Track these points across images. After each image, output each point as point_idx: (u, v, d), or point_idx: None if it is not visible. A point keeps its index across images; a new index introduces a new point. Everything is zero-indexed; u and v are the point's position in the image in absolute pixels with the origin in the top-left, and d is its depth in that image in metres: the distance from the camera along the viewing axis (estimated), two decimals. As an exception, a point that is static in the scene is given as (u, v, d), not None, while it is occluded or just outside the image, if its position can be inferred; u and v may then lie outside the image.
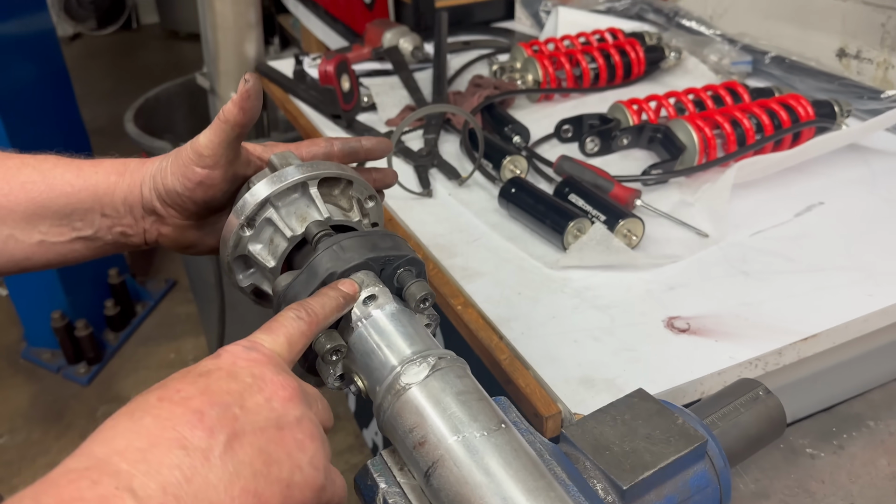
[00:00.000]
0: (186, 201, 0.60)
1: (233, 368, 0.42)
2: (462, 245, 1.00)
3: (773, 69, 1.42)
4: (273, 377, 0.43)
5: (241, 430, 0.39)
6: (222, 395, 0.40)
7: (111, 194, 0.60)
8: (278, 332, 0.47)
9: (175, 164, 0.59)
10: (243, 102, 0.57)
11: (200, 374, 0.42)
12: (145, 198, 0.61)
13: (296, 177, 0.58)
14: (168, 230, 0.63)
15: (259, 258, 0.59)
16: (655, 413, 0.60)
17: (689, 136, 1.10)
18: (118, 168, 0.61)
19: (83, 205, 0.60)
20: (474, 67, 1.50)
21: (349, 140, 0.66)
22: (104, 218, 0.61)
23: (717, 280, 0.91)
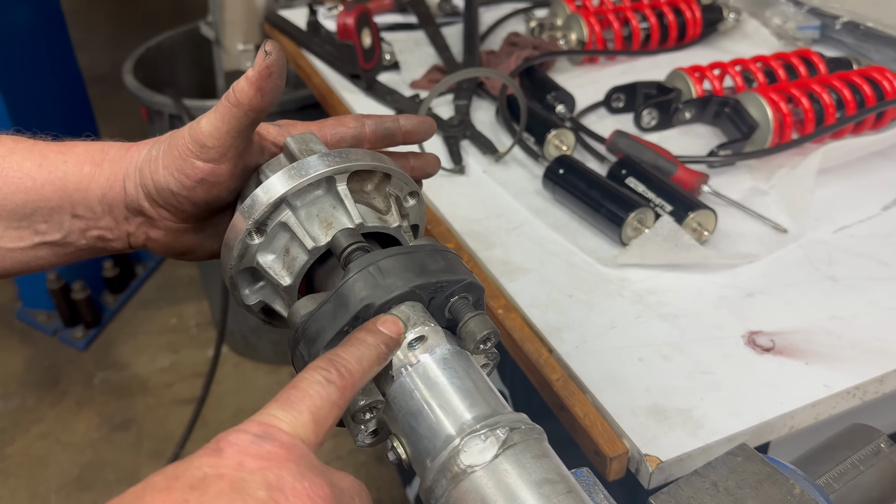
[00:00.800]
0: (183, 202, 0.47)
1: (239, 474, 0.30)
2: (501, 233, 0.87)
3: (844, 36, 1.26)
4: (295, 484, 0.30)
5: None
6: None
7: (84, 190, 0.47)
8: (301, 407, 0.34)
9: (169, 156, 0.45)
10: (262, 81, 0.43)
11: (193, 487, 0.29)
12: (129, 195, 0.47)
13: (320, 169, 0.44)
14: (159, 234, 0.49)
15: (271, 272, 0.46)
16: (766, 478, 0.48)
17: (763, 111, 0.96)
18: (94, 156, 0.48)
19: (48, 203, 0.47)
20: (509, 23, 1.34)
21: (384, 119, 0.52)
22: (76, 219, 0.48)
23: (801, 286, 0.78)
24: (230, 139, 0.44)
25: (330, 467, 0.35)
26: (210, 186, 0.46)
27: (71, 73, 2.23)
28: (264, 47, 0.43)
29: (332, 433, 0.36)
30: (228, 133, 0.44)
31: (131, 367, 2.19)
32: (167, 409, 2.04)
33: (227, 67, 1.64)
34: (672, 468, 0.61)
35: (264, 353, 2.10)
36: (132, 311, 2.38)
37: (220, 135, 0.44)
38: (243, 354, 2.16)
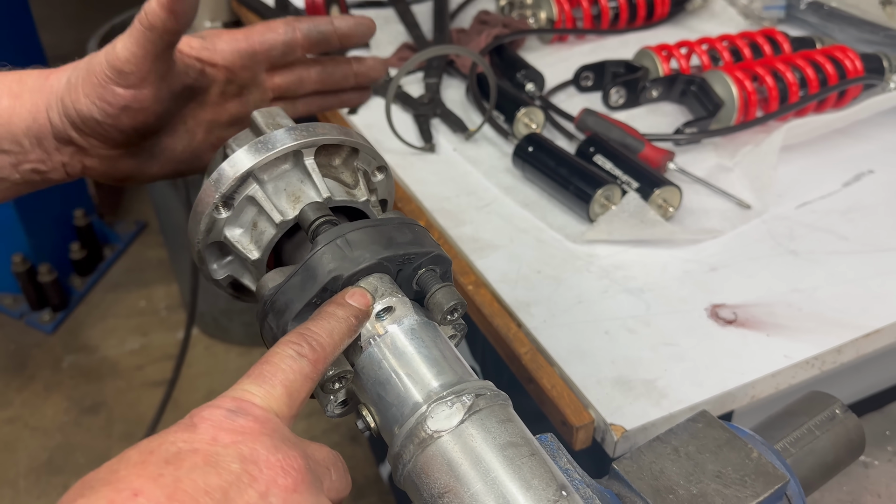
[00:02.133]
0: (110, 129, 0.46)
1: (213, 448, 0.30)
2: (471, 211, 0.87)
3: (809, 16, 1.28)
4: (269, 457, 0.31)
5: None
6: (199, 497, 0.28)
7: (7, 123, 0.46)
8: (274, 381, 0.34)
9: (88, 84, 0.44)
10: (174, 3, 0.42)
11: (168, 461, 0.29)
12: (55, 126, 0.46)
13: (287, 143, 0.44)
14: (93, 162, 0.49)
15: (238, 246, 0.46)
16: (725, 443, 0.49)
17: (728, 89, 0.97)
18: (11, 87, 0.46)
19: None
20: (479, 1, 1.34)
21: (318, 22, 0.51)
22: (3, 154, 0.47)
23: (763, 260, 0.80)
24: (148, 63, 0.44)
25: (304, 439, 0.35)
26: (135, 112, 0.45)
27: (33, 52, 2.17)
28: None
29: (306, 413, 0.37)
30: (145, 57, 0.43)
31: (100, 350, 2.17)
32: (138, 391, 2.03)
33: (194, 45, 1.61)
34: (636, 437, 0.63)
35: (235, 335, 2.09)
36: (100, 294, 2.35)
37: (137, 60, 0.43)
38: (214, 336, 2.15)
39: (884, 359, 0.82)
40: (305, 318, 0.40)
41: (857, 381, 0.84)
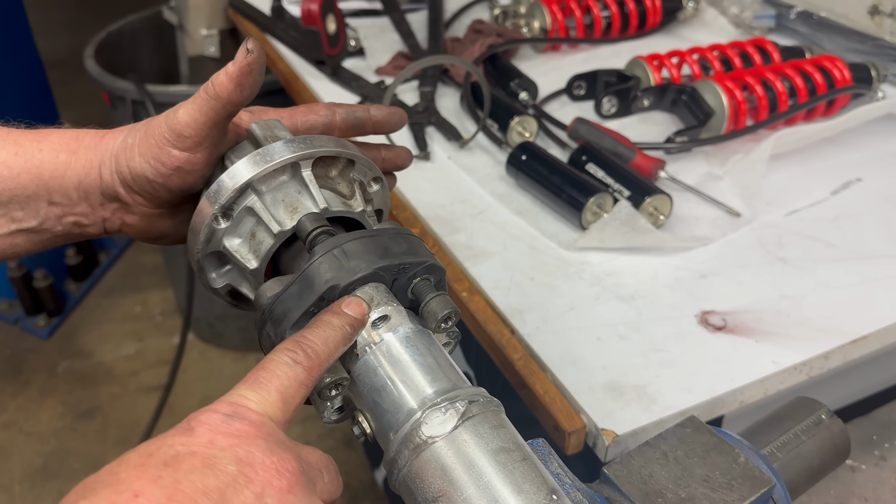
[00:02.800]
0: (158, 189, 0.47)
1: (210, 451, 0.31)
2: (465, 218, 0.88)
3: (798, 25, 1.30)
4: (264, 459, 0.32)
5: None
6: (197, 499, 0.29)
7: (60, 178, 0.47)
8: (269, 387, 0.35)
9: (145, 144, 0.46)
10: (242, 77, 0.44)
11: (166, 464, 0.30)
12: (105, 182, 0.48)
13: (285, 155, 0.46)
14: (134, 219, 0.50)
15: (237, 256, 0.47)
16: (713, 448, 0.50)
17: (718, 99, 0.99)
18: (69, 144, 0.48)
19: (24, 191, 0.47)
20: (473, 11, 1.36)
21: (355, 109, 0.53)
22: (52, 206, 0.48)
23: (753, 267, 0.82)
24: (206, 130, 0.45)
25: (298, 443, 0.36)
26: (185, 174, 0.47)
27: (30, 58, 2.18)
28: (246, 44, 0.44)
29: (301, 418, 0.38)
30: (205, 124, 0.45)
31: (96, 356, 2.17)
32: (133, 396, 2.03)
33: (190, 52, 1.62)
34: (627, 441, 0.64)
35: (230, 341, 2.10)
36: (96, 300, 2.35)
37: (198, 125, 0.45)
38: (209, 342, 2.15)
39: (871, 365, 0.83)
40: (303, 327, 0.41)
41: (845, 386, 0.85)
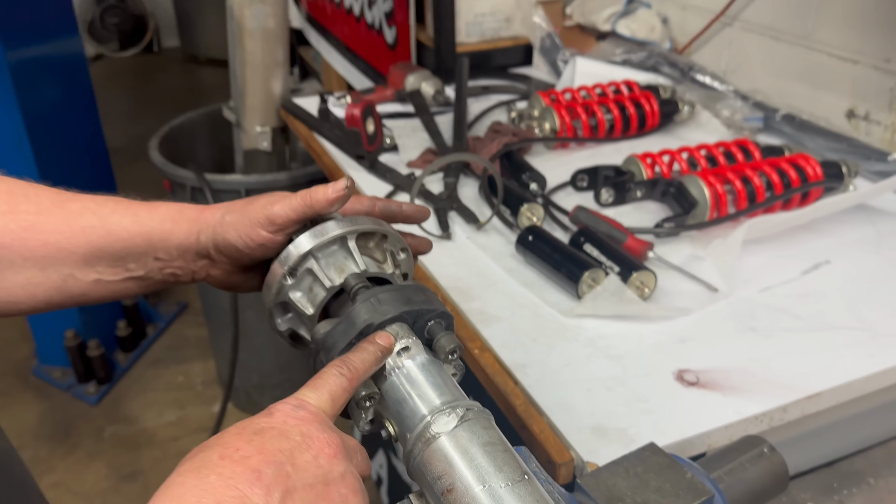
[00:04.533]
0: (243, 256, 0.64)
1: (284, 427, 0.46)
2: (479, 289, 1.03)
3: (783, 126, 1.47)
4: (319, 435, 0.46)
5: (293, 487, 0.43)
6: (276, 454, 0.43)
7: (165, 240, 0.64)
8: (322, 390, 0.50)
9: (241, 223, 0.63)
10: (336, 201, 0.61)
11: (255, 433, 0.45)
12: (201, 245, 0.64)
13: (335, 232, 0.62)
14: (217, 273, 0.66)
15: (298, 305, 0.62)
16: (666, 467, 0.63)
17: (701, 191, 1.14)
18: (173, 215, 0.65)
19: (137, 248, 0.63)
20: (493, 113, 1.55)
21: (390, 203, 0.70)
22: (156, 261, 0.65)
23: (726, 335, 0.95)
24: (292, 223, 0.62)
25: (340, 430, 0.51)
26: (266, 250, 0.63)
27: (98, 147, 2.44)
28: (346, 181, 0.60)
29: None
30: (294, 220, 0.62)
31: (140, 422, 2.32)
32: (174, 460, 2.14)
33: (245, 146, 1.84)
34: (608, 472, 0.76)
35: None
36: (142, 369, 2.52)
37: (288, 219, 0.62)
38: (246, 410, 2.29)
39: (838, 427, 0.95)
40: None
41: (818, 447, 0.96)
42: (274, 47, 1.59)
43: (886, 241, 1.15)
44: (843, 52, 1.42)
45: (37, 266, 0.61)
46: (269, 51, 1.59)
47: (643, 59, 1.68)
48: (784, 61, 1.54)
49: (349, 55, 2.44)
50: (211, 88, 4.87)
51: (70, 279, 0.62)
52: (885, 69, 1.35)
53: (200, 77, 5.23)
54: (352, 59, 2.41)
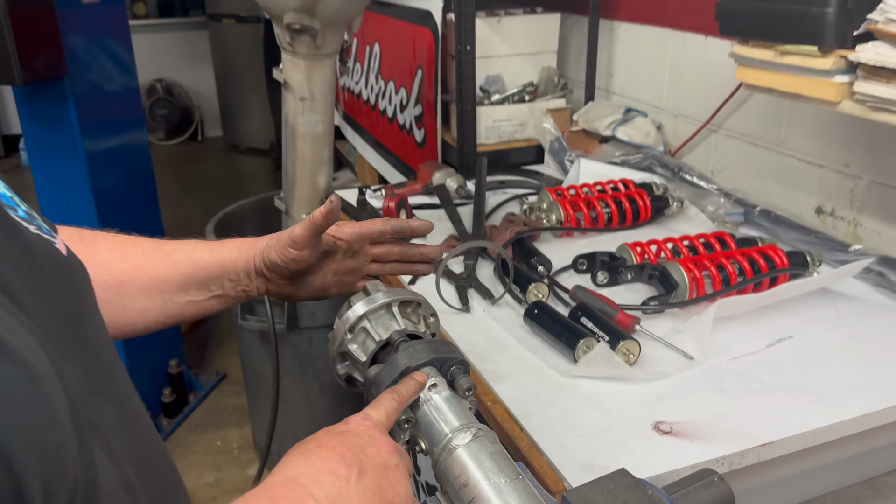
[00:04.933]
0: (283, 270, 0.88)
1: (357, 430, 0.67)
2: (493, 353, 1.24)
3: (761, 220, 1.68)
4: (380, 437, 0.67)
5: (365, 468, 0.63)
6: (353, 446, 0.64)
7: (233, 265, 0.88)
8: (380, 408, 0.71)
9: (276, 246, 0.87)
10: (328, 214, 0.84)
11: (339, 433, 0.66)
12: (256, 266, 0.88)
13: (383, 300, 0.84)
14: (272, 287, 0.90)
15: (354, 354, 0.84)
16: (633, 486, 0.82)
17: (682, 276, 1.35)
18: (237, 246, 0.89)
19: (215, 274, 0.87)
20: (508, 205, 1.79)
21: (400, 221, 0.94)
22: (230, 282, 0.88)
23: (698, 394, 1.14)
24: (310, 239, 0.85)
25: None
26: (298, 262, 0.86)
27: (156, 225, 2.71)
28: (331, 198, 0.83)
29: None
30: (307, 237, 0.85)
31: (179, 483, 2.49)
32: (210, 519, 2.32)
33: (290, 230, 2.09)
34: (593, 498, 0.94)
35: (297, 473, 2.39)
36: (183, 434, 2.71)
37: (304, 237, 0.85)
38: (278, 474, 2.45)
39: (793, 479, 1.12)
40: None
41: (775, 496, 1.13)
42: (321, 148, 1.86)
43: (844, 320, 1.34)
44: (811, 157, 1.65)
45: (146, 295, 0.84)
46: (316, 151, 1.85)
47: (639, 161, 1.92)
48: (761, 164, 1.77)
49: (382, 151, 2.72)
50: (249, 175, 5.23)
51: (170, 302, 0.85)
52: (846, 173, 1.57)
53: (240, 165, 5.60)
54: (384, 154, 2.69)
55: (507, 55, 2.18)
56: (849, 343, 1.27)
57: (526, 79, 2.21)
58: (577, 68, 2.26)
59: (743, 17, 1.27)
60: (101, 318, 0.62)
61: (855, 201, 1.56)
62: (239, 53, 5.57)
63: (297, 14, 1.56)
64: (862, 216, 1.55)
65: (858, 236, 1.56)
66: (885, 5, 1.07)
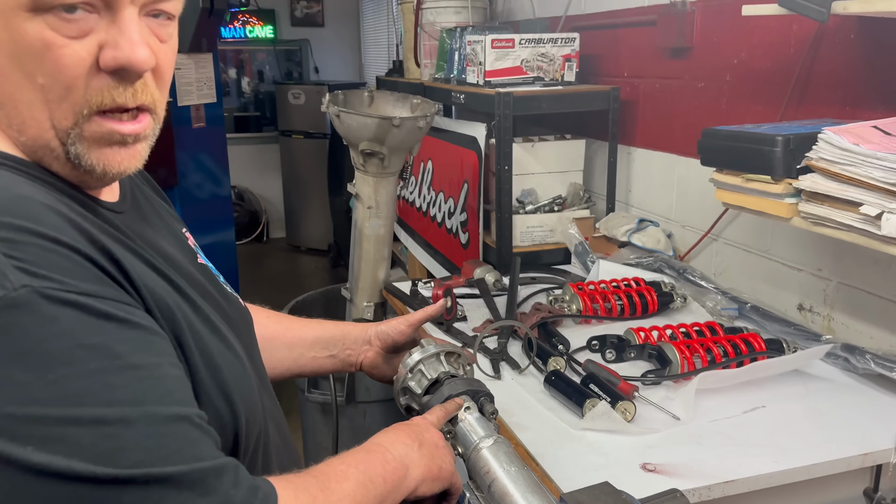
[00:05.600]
0: (388, 340, 1.23)
1: (418, 422, 1.01)
2: (518, 410, 1.55)
3: (752, 314, 1.98)
4: (433, 428, 1.01)
5: (423, 442, 0.97)
6: (416, 429, 0.98)
7: (353, 334, 1.24)
8: (433, 415, 1.05)
9: (392, 324, 1.24)
10: (440, 308, 1.21)
11: (407, 424, 1.00)
12: (368, 336, 1.24)
13: (433, 351, 1.18)
14: (371, 354, 1.25)
15: (412, 388, 1.17)
16: (612, 493, 1.12)
17: (675, 355, 1.66)
18: (356, 324, 1.27)
19: (336, 339, 1.23)
20: (537, 296, 2.13)
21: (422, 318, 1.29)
22: (344, 347, 1.23)
23: (680, 446, 1.43)
24: (419, 323, 1.21)
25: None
26: (405, 337, 1.22)
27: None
28: (444, 301, 1.20)
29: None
30: (420, 321, 1.21)
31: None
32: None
33: (353, 316, 2.45)
34: (588, 512, 1.23)
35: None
36: None
37: (418, 321, 1.22)
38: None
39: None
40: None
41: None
42: (382, 247, 2.25)
43: (812, 395, 1.62)
44: (791, 262, 1.96)
45: (286, 348, 1.20)
46: (378, 249, 2.24)
47: (651, 263, 2.26)
48: (753, 267, 2.09)
49: (431, 251, 3.12)
50: (308, 272, 5.69)
51: (300, 357, 1.21)
52: (819, 276, 1.88)
53: (300, 263, 6.09)
54: (433, 253, 3.09)
55: (539, 173, 2.58)
56: (813, 413, 1.55)
57: (556, 192, 2.60)
58: (601, 184, 2.64)
59: (716, 152, 1.64)
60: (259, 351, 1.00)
61: (827, 299, 1.86)
62: (305, 164, 6.18)
63: (370, 143, 1.99)
64: (834, 312, 1.85)
65: (832, 329, 1.85)
66: (817, 147, 1.42)
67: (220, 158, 2.88)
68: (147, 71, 0.74)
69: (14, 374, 0.59)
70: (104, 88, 0.72)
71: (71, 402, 0.60)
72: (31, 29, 0.68)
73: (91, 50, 0.71)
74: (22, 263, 0.62)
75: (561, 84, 2.54)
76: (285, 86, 6.30)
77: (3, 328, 0.59)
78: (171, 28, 0.78)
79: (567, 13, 2.81)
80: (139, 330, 0.67)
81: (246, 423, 0.79)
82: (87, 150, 0.74)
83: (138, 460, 0.61)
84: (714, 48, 2.13)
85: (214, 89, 2.65)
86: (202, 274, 0.89)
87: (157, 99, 0.78)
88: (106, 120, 0.74)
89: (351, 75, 7.13)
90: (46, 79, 0.70)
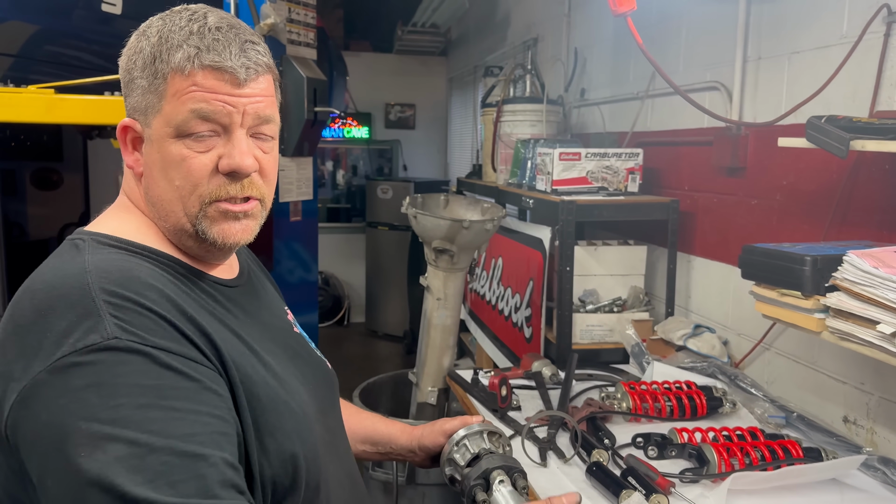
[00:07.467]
0: (429, 450, 1.40)
1: None
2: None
3: (798, 423, 2.05)
4: None
5: None
6: None
7: (398, 441, 1.43)
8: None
9: (431, 433, 1.41)
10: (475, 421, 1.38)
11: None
12: (411, 446, 1.43)
13: (477, 429, 1.35)
14: (415, 458, 1.43)
15: (457, 460, 1.34)
16: (630, 571, 1.24)
17: (713, 455, 1.75)
18: (402, 428, 1.45)
19: (383, 440, 1.42)
20: (590, 392, 2.26)
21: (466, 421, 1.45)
22: (390, 447, 1.42)
23: (708, 540, 1.52)
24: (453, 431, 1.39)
25: None
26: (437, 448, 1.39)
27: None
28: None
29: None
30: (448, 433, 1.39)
31: None
32: None
33: (418, 400, 2.63)
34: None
35: None
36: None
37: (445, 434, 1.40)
38: None
39: None
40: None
41: None
42: (448, 336, 2.45)
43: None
44: (836, 375, 2.04)
45: None
46: (444, 339, 2.44)
47: (704, 368, 2.35)
48: (802, 378, 2.17)
49: (497, 342, 3.29)
50: (383, 357, 5.92)
51: (353, 446, 1.40)
52: (862, 389, 1.95)
53: (377, 348, 6.34)
54: (499, 345, 3.26)
55: (601, 274, 2.75)
56: (847, 522, 1.61)
57: (616, 294, 2.75)
58: (661, 288, 2.77)
59: (754, 267, 1.78)
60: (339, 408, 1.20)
61: (870, 413, 1.92)
62: (387, 254, 6.53)
63: (442, 241, 2.22)
64: (876, 425, 1.90)
65: (875, 442, 1.90)
66: (842, 268, 1.55)
67: (311, 247, 3.18)
68: (252, 173, 1.02)
69: (89, 397, 0.80)
70: (221, 185, 1.00)
71: (119, 424, 0.79)
72: (174, 149, 0.99)
73: (213, 160, 1.00)
74: (120, 322, 0.85)
75: (624, 194, 2.74)
76: (375, 181, 6.76)
77: (93, 363, 0.81)
78: (272, 143, 1.07)
79: (633, 129, 3.03)
80: (193, 382, 0.87)
81: (305, 460, 0.99)
82: (210, 226, 1.01)
83: (148, 479, 0.77)
84: (765, 170, 2.29)
85: (312, 187, 2.98)
86: (295, 341, 1.20)
87: (264, 193, 1.06)
88: (222, 203, 1.01)
89: (436, 173, 7.56)
90: (181, 181, 0.99)
